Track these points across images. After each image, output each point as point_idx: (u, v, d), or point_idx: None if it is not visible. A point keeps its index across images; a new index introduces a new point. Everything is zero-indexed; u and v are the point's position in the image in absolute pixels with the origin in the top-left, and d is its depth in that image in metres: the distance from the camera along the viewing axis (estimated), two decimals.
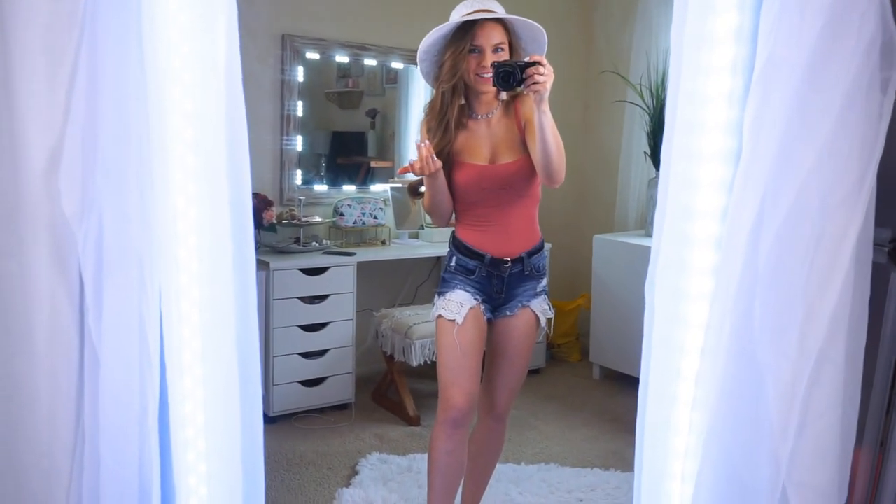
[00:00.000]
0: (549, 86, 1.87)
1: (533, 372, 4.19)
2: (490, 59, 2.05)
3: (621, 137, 4.49)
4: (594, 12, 4.83)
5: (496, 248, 2.18)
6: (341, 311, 3.61)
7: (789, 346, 0.94)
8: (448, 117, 2.15)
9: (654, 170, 4.17)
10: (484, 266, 2.19)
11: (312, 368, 3.55)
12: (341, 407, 3.67)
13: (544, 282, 2.29)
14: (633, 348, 4.02)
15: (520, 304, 2.24)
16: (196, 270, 1.13)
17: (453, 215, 2.29)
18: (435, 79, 2.20)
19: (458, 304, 2.16)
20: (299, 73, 3.85)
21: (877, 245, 1.00)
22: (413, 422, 3.55)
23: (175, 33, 1.08)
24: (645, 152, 4.22)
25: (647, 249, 4.50)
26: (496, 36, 2.08)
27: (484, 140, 2.17)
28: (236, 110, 1.19)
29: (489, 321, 2.24)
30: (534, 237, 2.26)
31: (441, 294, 2.24)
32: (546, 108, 1.92)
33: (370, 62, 4.06)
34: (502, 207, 2.18)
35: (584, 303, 4.51)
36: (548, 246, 4.39)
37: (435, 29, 2.11)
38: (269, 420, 3.45)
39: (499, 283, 2.20)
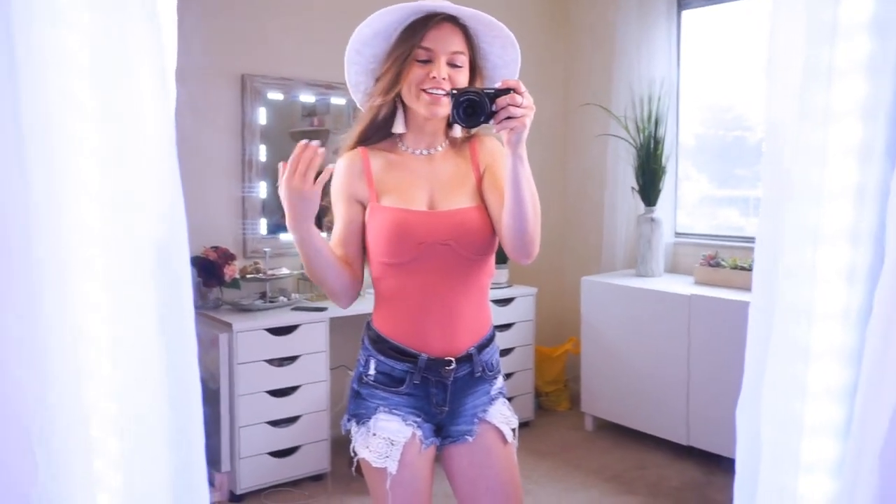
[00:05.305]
0: (528, 122, 1.34)
1: (521, 425, 3.89)
2: (444, 70, 1.51)
3: (605, 172, 4.25)
4: (570, 43, 4.62)
5: (435, 344, 1.55)
6: (313, 373, 3.28)
7: None
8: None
9: (642, 205, 3.94)
10: (418, 371, 1.55)
11: (283, 437, 3.22)
12: (316, 478, 3.33)
13: (500, 381, 1.68)
14: (627, 397, 3.82)
15: (475, 420, 1.61)
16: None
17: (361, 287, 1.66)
18: (367, 93, 1.64)
19: (387, 441, 1.52)
20: (261, 115, 3.55)
21: None
22: None
23: (76, 83, 0.77)
24: (633, 188, 3.98)
25: (638, 290, 4.16)
26: (455, 42, 1.53)
27: (422, 181, 1.59)
28: (171, 188, 0.90)
29: (438, 448, 1.62)
30: (484, 324, 1.63)
31: (358, 420, 1.59)
32: (523, 152, 1.38)
33: (338, 101, 3.78)
34: (444, 277, 1.54)
35: (571, 347, 4.25)
36: (532, 290, 4.16)
37: (378, 13, 1.53)
38: (235, 499, 3.11)
39: (440, 392, 1.56)
